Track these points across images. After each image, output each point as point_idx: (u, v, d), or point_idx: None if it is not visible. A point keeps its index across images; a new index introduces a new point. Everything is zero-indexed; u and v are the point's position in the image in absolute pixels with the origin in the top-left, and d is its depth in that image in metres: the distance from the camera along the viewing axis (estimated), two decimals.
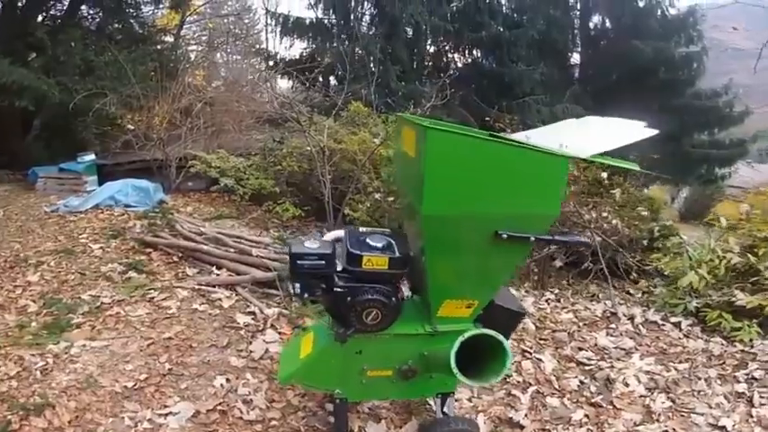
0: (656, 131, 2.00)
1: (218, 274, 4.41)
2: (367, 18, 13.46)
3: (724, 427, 2.92)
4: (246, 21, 14.24)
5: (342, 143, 7.15)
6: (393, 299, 2.10)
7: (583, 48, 14.45)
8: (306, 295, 2.07)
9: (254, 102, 9.71)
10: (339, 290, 2.06)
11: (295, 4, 36.71)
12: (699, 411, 3.08)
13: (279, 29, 13.59)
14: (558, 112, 11.41)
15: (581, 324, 4.20)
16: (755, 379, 3.45)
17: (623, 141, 1.98)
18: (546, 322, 4.19)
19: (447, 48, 13.53)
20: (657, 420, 2.98)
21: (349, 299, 2.06)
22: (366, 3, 13.24)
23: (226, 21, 13.55)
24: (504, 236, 1.87)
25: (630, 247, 5.52)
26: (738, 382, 3.42)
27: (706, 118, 13.89)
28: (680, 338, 4.05)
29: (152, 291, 4.19)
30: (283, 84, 13.10)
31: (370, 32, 12.72)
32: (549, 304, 4.57)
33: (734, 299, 4.17)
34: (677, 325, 4.26)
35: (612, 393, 3.22)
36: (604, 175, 5.51)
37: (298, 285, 2.06)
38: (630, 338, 3.99)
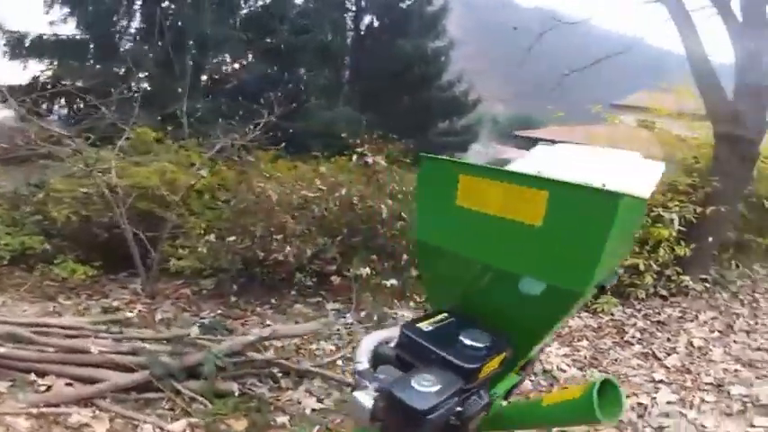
0: (662, 167, 1.98)
1: (47, 386, 2.96)
2: (132, 31, 11.45)
3: (662, 380, 3.27)
4: None
5: (129, 177, 5.77)
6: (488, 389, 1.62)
7: (353, 49, 14.90)
8: None
9: None
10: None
11: (31, 21, 28.54)
12: (631, 375, 3.38)
13: (9, 50, 10.57)
14: (336, 114, 11.54)
15: None
16: (641, 339, 3.95)
17: (654, 180, 1.89)
18: None
19: (230, 58, 12.35)
20: None
21: (453, 418, 1.47)
22: (137, 16, 11.22)
23: None
24: (607, 287, 1.60)
25: None
26: (632, 345, 3.86)
27: (448, 108, 15.89)
28: None
29: None
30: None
31: (139, 47, 10.83)
32: None
33: None
34: None
35: (560, 380, 3.30)
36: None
37: None
38: None
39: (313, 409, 2.70)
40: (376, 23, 15.05)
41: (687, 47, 5.68)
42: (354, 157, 5.15)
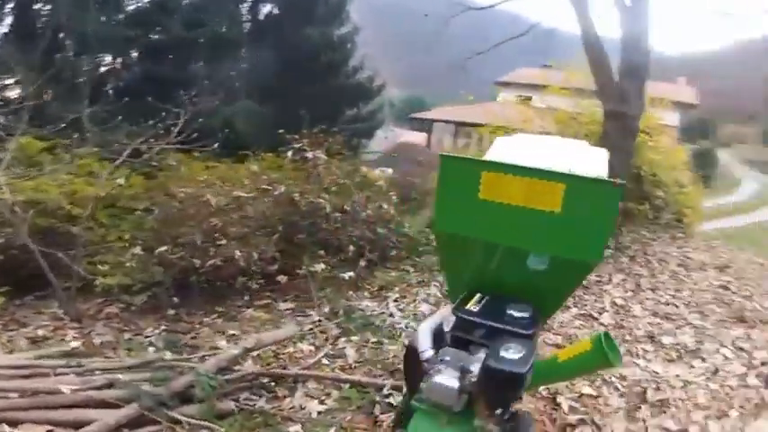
0: (606, 153, 2.29)
1: None
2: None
3: (616, 338, 3.70)
4: None
5: (20, 192, 5.17)
6: None
7: (252, 40, 14.13)
8: None
9: None
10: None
11: None
12: (580, 334, 3.78)
13: None
14: (237, 109, 11.05)
15: None
16: (576, 303, 4.35)
17: (605, 165, 2.18)
18: None
19: (114, 58, 11.14)
20: None
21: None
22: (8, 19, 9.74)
23: None
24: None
25: None
26: (570, 308, 4.24)
27: (354, 94, 15.87)
28: None
29: None
30: None
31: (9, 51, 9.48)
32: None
33: None
34: None
35: None
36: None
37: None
38: None
39: (319, 412, 2.70)
40: (276, 12, 14.47)
41: (582, 29, 6.22)
42: (290, 153, 5.06)
